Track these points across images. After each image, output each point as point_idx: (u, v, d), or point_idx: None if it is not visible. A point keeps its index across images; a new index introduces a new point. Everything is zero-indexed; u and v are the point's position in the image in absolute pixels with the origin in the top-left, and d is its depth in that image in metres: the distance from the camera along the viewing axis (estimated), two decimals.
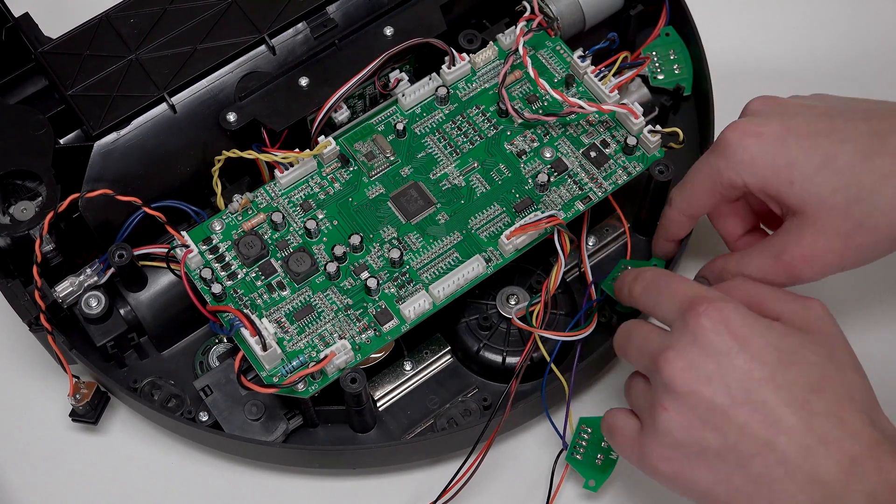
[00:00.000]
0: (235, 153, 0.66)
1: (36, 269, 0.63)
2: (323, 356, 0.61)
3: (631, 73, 0.71)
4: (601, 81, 0.69)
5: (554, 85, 0.69)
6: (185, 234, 0.65)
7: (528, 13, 0.70)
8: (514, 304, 0.67)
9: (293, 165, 0.66)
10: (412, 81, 0.70)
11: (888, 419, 0.54)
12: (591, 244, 0.70)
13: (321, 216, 0.66)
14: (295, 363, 0.61)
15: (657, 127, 0.68)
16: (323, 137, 0.67)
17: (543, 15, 0.71)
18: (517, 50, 0.69)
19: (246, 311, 0.62)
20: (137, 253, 0.65)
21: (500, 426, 0.63)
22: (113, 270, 0.66)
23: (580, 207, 0.66)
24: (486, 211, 0.66)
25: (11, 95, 0.68)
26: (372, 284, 0.63)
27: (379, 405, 0.67)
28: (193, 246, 0.64)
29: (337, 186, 0.67)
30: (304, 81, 0.68)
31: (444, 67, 0.69)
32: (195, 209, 0.67)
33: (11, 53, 0.69)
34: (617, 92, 0.69)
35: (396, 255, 0.64)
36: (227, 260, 0.65)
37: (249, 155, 0.66)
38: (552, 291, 0.65)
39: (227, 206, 0.66)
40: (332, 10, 0.70)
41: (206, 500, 0.68)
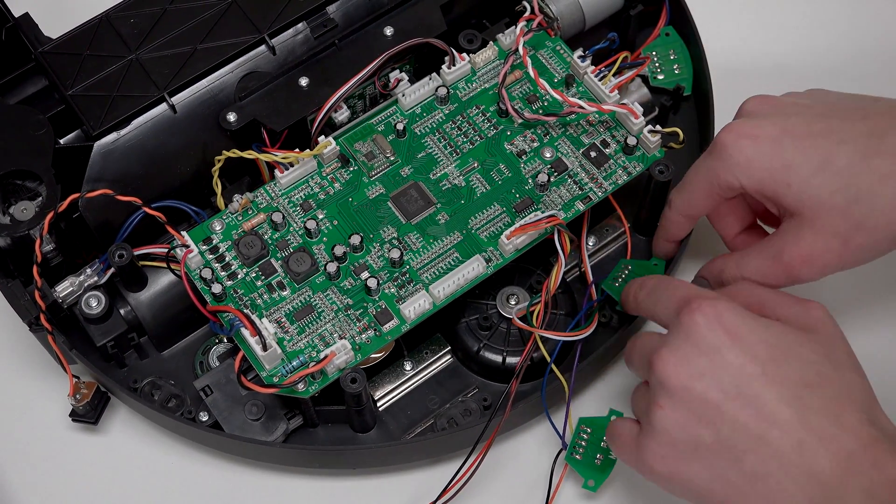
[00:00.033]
0: (235, 153, 0.66)
1: (36, 269, 0.63)
2: (323, 356, 0.61)
3: (631, 73, 0.71)
4: (601, 81, 0.69)
5: (554, 85, 0.69)
6: (185, 234, 0.65)
7: (528, 13, 0.70)
8: (514, 304, 0.67)
9: (293, 165, 0.66)
10: (412, 81, 0.70)
11: (888, 419, 0.54)
12: (591, 244, 0.70)
13: (321, 216, 0.66)
14: (295, 363, 0.61)
15: (657, 127, 0.68)
16: (323, 137, 0.67)
17: (543, 15, 0.71)
18: (517, 50, 0.68)
19: (246, 311, 0.62)
20: (137, 253, 0.65)
21: (499, 426, 0.63)
22: (113, 270, 0.66)
23: (580, 207, 0.66)
24: (486, 211, 0.66)
25: (11, 95, 0.68)
26: (372, 284, 0.63)
27: (379, 405, 0.67)
28: (193, 246, 0.64)
29: (337, 186, 0.67)
30: (304, 81, 0.68)
31: (444, 67, 0.69)
32: (195, 209, 0.67)
33: (11, 53, 0.69)
34: (617, 92, 0.69)
35: (396, 255, 0.64)
36: (227, 260, 0.65)
37: (249, 155, 0.66)
38: (552, 291, 0.65)
39: (227, 206, 0.66)
40: (332, 10, 0.70)
41: (206, 500, 0.68)
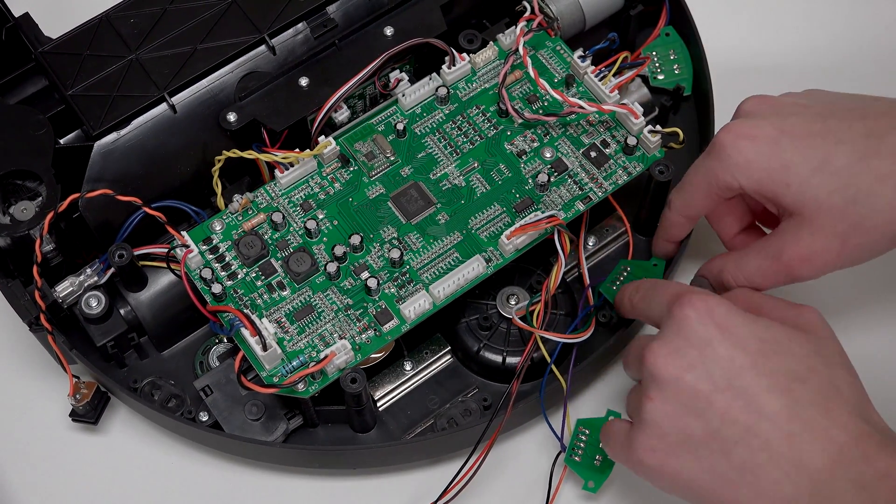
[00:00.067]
0: (235, 153, 0.66)
1: (36, 269, 0.63)
2: (323, 356, 0.61)
3: (631, 73, 0.71)
4: (601, 81, 0.69)
5: (554, 85, 0.69)
6: (185, 234, 0.65)
7: (528, 13, 0.70)
8: (514, 304, 0.67)
9: (293, 165, 0.66)
10: (412, 81, 0.70)
11: (879, 415, 0.54)
12: (591, 244, 0.70)
13: (321, 216, 0.66)
14: (295, 363, 0.61)
15: (657, 127, 0.68)
16: (323, 137, 0.67)
17: (543, 15, 0.71)
18: (517, 50, 0.68)
19: (246, 311, 0.62)
20: (137, 253, 0.65)
21: (501, 426, 0.63)
22: (113, 270, 0.66)
23: (580, 207, 0.66)
24: (486, 211, 0.66)
25: (11, 95, 0.68)
26: (372, 284, 0.63)
27: (379, 405, 0.67)
28: (193, 246, 0.64)
29: (337, 186, 0.67)
30: (304, 81, 0.68)
31: (444, 67, 0.69)
32: (195, 209, 0.67)
33: (11, 53, 0.68)
34: (617, 92, 0.69)
35: (396, 255, 0.64)
36: (227, 260, 0.65)
37: (249, 155, 0.66)
38: (552, 291, 0.65)
39: (227, 206, 0.66)
40: (332, 10, 0.70)
41: (206, 500, 0.68)
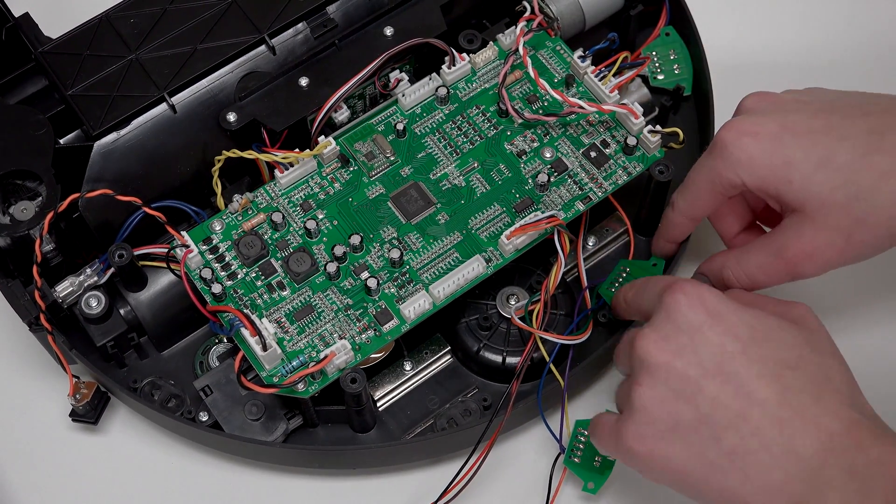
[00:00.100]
0: (235, 153, 0.66)
1: (36, 269, 0.63)
2: (323, 356, 0.61)
3: (631, 73, 0.71)
4: (601, 81, 0.69)
5: (554, 85, 0.69)
6: (185, 234, 0.65)
7: (528, 13, 0.70)
8: (514, 304, 0.67)
9: (293, 165, 0.66)
10: (412, 81, 0.70)
11: (870, 406, 0.54)
12: (591, 244, 0.70)
13: (321, 216, 0.66)
14: (295, 363, 0.61)
15: (657, 127, 0.68)
16: (323, 137, 0.67)
17: (543, 15, 0.71)
18: (517, 50, 0.68)
19: (246, 311, 0.62)
20: (137, 253, 0.65)
21: (501, 426, 0.63)
22: (113, 270, 0.66)
23: (580, 207, 0.66)
24: (486, 211, 0.66)
25: (11, 95, 0.68)
26: (372, 284, 0.63)
27: (379, 405, 0.67)
28: (193, 246, 0.64)
29: (337, 186, 0.67)
30: (304, 81, 0.68)
31: (444, 67, 0.69)
32: (195, 209, 0.67)
33: (11, 53, 0.68)
34: (617, 92, 0.68)
35: (396, 255, 0.64)
36: (227, 260, 0.65)
37: (249, 155, 0.66)
38: (551, 291, 0.65)
39: (227, 206, 0.66)
40: (332, 10, 0.70)
41: (206, 500, 0.68)
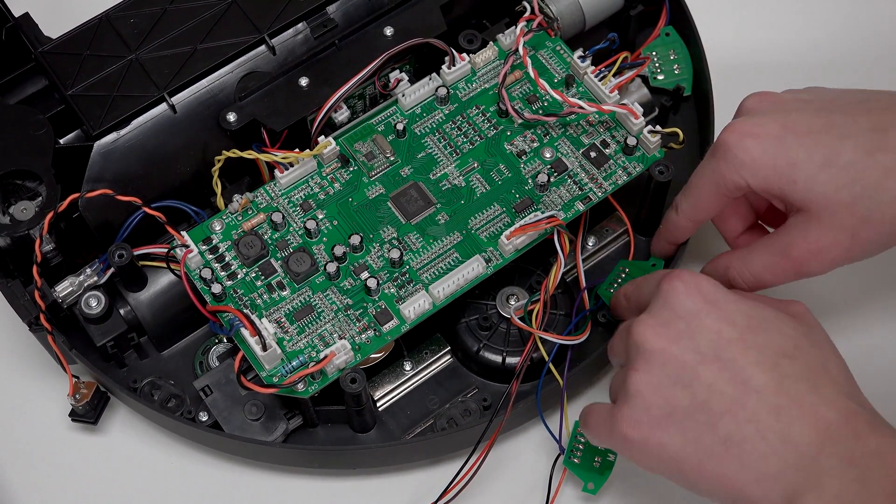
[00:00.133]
0: (235, 153, 0.66)
1: (36, 269, 0.63)
2: (323, 356, 0.61)
3: (631, 73, 0.71)
4: (601, 82, 0.69)
5: (554, 85, 0.69)
6: (185, 234, 0.65)
7: (528, 13, 0.70)
8: (514, 304, 0.67)
9: (293, 165, 0.66)
10: (412, 81, 0.70)
11: (866, 399, 0.54)
12: (590, 245, 0.70)
13: (321, 216, 0.66)
14: (295, 363, 0.61)
15: (657, 127, 0.68)
16: (323, 137, 0.67)
17: (543, 15, 0.71)
18: (517, 50, 0.68)
19: (246, 311, 0.62)
20: (137, 253, 0.65)
21: (500, 426, 0.63)
22: (113, 270, 0.66)
23: (580, 208, 0.66)
24: (486, 211, 0.66)
25: (11, 95, 0.68)
26: (372, 284, 0.63)
27: (379, 405, 0.67)
28: (193, 246, 0.64)
29: (337, 186, 0.67)
30: (304, 81, 0.68)
31: (444, 67, 0.69)
32: (195, 209, 0.67)
33: (11, 53, 0.69)
34: (617, 92, 0.68)
35: (396, 255, 0.64)
36: (227, 260, 0.65)
37: (249, 155, 0.66)
38: (551, 291, 0.65)
39: (227, 206, 0.66)
40: (332, 10, 0.70)
41: (205, 500, 0.68)
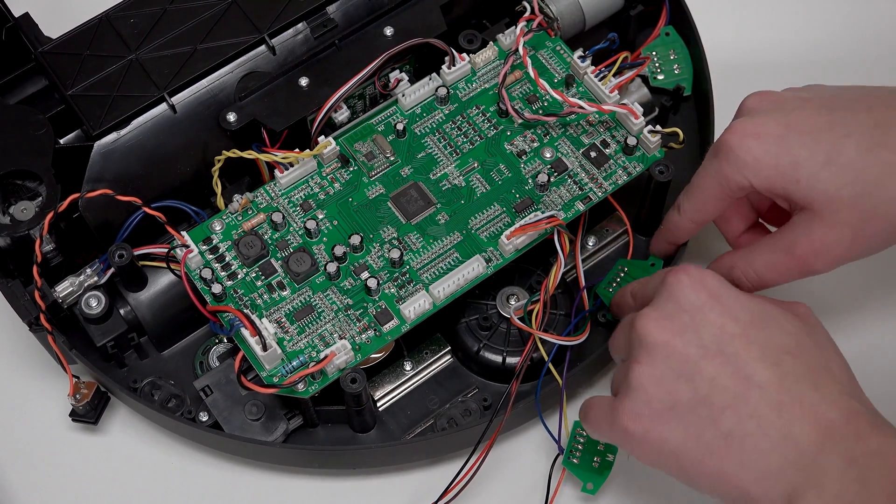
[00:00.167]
0: (235, 153, 0.66)
1: (36, 269, 0.63)
2: (323, 356, 0.61)
3: (631, 73, 0.71)
4: (601, 82, 0.69)
5: (554, 85, 0.69)
6: (185, 234, 0.65)
7: (528, 13, 0.70)
8: (514, 304, 0.67)
9: (293, 165, 0.66)
10: (412, 81, 0.70)
11: (867, 399, 0.54)
12: (590, 244, 0.70)
13: (321, 216, 0.66)
14: (295, 363, 0.61)
15: (657, 127, 0.68)
16: (323, 137, 0.67)
17: (543, 15, 0.71)
18: (517, 50, 0.68)
19: (246, 311, 0.62)
20: (137, 253, 0.65)
21: (500, 426, 0.63)
22: (113, 270, 0.66)
23: (580, 207, 0.66)
24: (486, 211, 0.66)
25: (11, 95, 0.68)
26: (372, 284, 0.63)
27: (379, 405, 0.67)
28: (193, 246, 0.64)
29: (337, 186, 0.67)
30: (304, 81, 0.68)
31: (444, 67, 0.69)
32: (195, 209, 0.67)
33: (11, 53, 0.69)
34: (617, 92, 0.68)
35: (396, 255, 0.64)
36: (227, 260, 0.65)
37: (249, 155, 0.66)
38: (551, 292, 0.65)
39: (227, 206, 0.66)
40: (332, 10, 0.70)
41: (206, 500, 0.68)
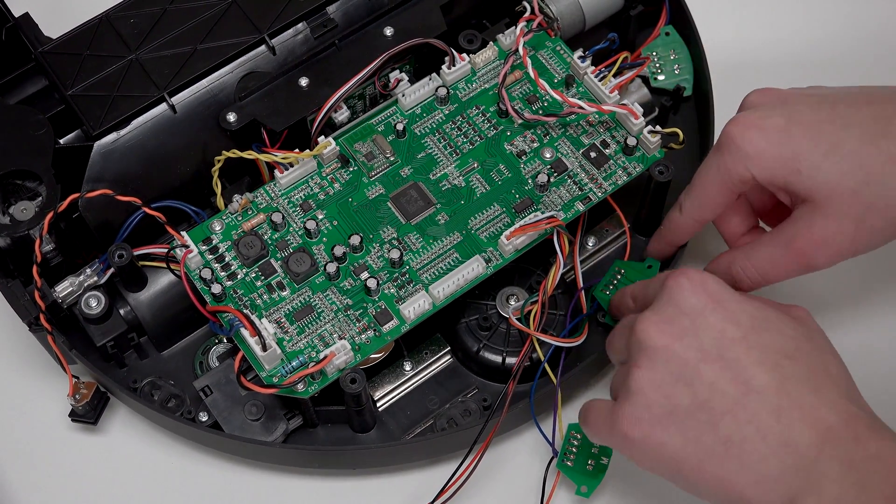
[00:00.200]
0: (235, 153, 0.66)
1: (36, 269, 0.63)
2: (323, 356, 0.61)
3: (631, 73, 0.71)
4: (601, 82, 0.69)
5: (554, 85, 0.69)
6: (184, 234, 0.65)
7: (528, 13, 0.70)
8: (513, 304, 0.67)
9: (293, 165, 0.66)
10: (412, 81, 0.70)
11: (866, 402, 0.54)
12: (590, 245, 0.70)
13: (321, 216, 0.66)
14: (295, 363, 0.61)
15: (657, 127, 0.68)
16: (323, 137, 0.67)
17: (543, 15, 0.71)
18: (517, 50, 0.68)
19: (246, 311, 0.62)
20: (137, 253, 0.65)
21: (497, 427, 0.63)
22: (113, 270, 0.66)
23: (580, 208, 0.66)
24: (486, 211, 0.66)
25: (11, 95, 0.68)
26: (372, 285, 0.63)
27: (379, 405, 0.67)
28: (193, 246, 0.64)
29: (337, 187, 0.67)
30: (304, 81, 0.68)
31: (444, 68, 0.69)
32: (195, 209, 0.67)
33: (11, 53, 0.69)
34: (617, 92, 0.68)
35: (396, 255, 0.64)
36: (226, 260, 0.65)
37: (249, 155, 0.66)
38: (549, 292, 0.65)
39: (227, 206, 0.66)
40: (332, 10, 0.70)
41: (205, 500, 0.68)
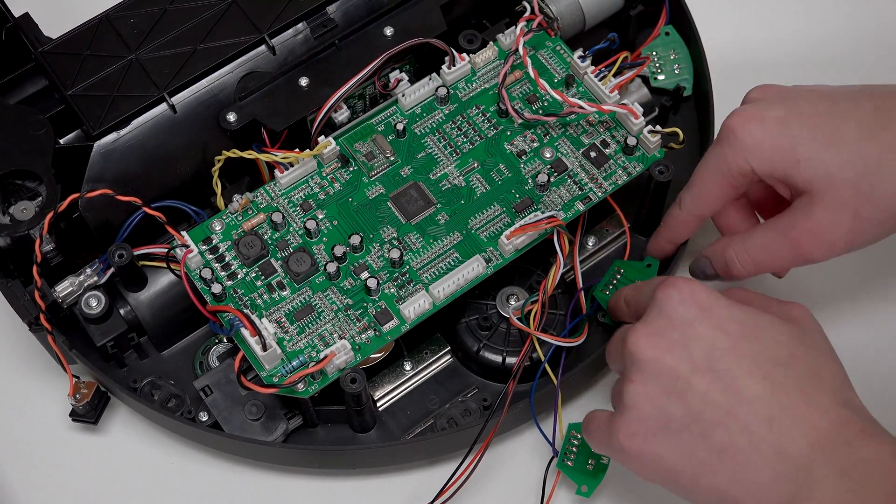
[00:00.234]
0: (235, 153, 0.66)
1: (36, 269, 0.63)
2: (323, 356, 0.61)
3: (631, 73, 0.71)
4: (601, 82, 0.69)
5: (554, 85, 0.69)
6: (185, 234, 0.65)
7: (528, 13, 0.70)
8: (513, 304, 0.67)
9: (293, 165, 0.66)
10: (412, 81, 0.70)
11: (862, 403, 0.54)
12: (590, 245, 0.70)
13: (321, 216, 0.66)
14: (295, 363, 0.61)
15: (657, 127, 0.68)
16: (323, 137, 0.67)
17: (543, 15, 0.71)
18: (517, 50, 0.68)
19: (246, 311, 0.62)
20: (137, 253, 0.65)
21: (497, 427, 0.63)
22: (113, 270, 0.66)
23: (580, 208, 0.66)
24: (486, 211, 0.66)
25: (11, 95, 0.68)
26: (372, 284, 0.63)
27: (379, 405, 0.67)
28: (193, 246, 0.64)
29: (337, 186, 0.67)
30: (304, 81, 0.68)
31: (444, 67, 0.69)
32: (195, 209, 0.67)
33: (11, 53, 0.69)
34: (617, 92, 0.68)
35: (396, 255, 0.64)
36: (227, 260, 0.65)
37: (249, 155, 0.66)
38: (549, 292, 0.65)
39: (227, 206, 0.66)
40: (332, 10, 0.70)
41: (206, 500, 0.68)
